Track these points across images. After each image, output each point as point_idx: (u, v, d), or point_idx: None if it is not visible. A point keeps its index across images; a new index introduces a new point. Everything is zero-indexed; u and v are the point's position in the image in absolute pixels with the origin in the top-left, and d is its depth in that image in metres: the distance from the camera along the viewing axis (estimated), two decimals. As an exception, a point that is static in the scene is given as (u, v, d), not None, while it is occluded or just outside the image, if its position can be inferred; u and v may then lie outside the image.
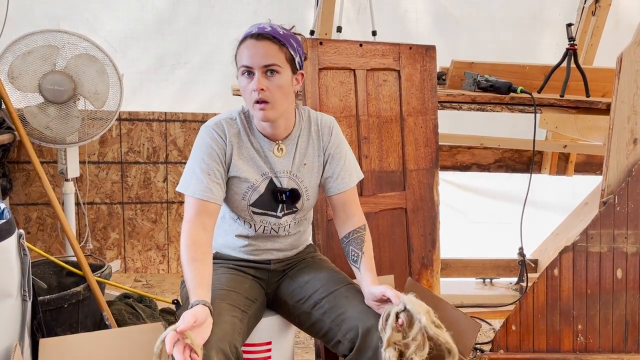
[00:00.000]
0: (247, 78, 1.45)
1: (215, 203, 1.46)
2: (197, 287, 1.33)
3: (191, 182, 1.46)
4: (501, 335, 2.08)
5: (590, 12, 3.13)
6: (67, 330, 2.04)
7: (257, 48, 1.43)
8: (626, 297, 2.10)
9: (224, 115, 1.56)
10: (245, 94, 1.47)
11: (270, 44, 1.44)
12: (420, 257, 2.28)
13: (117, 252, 3.09)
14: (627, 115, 2.14)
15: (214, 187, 1.46)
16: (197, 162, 1.48)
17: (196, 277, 1.35)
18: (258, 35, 1.44)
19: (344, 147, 1.63)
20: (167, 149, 3.06)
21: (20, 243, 1.46)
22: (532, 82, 2.71)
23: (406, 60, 2.27)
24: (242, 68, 1.45)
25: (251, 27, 1.49)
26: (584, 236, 2.09)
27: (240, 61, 1.46)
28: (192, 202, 1.45)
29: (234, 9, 3.03)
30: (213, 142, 1.49)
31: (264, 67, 1.43)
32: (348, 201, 1.61)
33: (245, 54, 1.45)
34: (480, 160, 3.28)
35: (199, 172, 1.47)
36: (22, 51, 2.25)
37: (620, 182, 2.13)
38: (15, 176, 2.89)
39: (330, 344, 1.51)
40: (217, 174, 1.48)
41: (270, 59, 1.43)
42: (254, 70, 1.43)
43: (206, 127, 1.53)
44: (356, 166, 1.66)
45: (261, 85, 1.42)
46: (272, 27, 1.47)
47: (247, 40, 1.45)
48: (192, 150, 1.52)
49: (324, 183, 1.62)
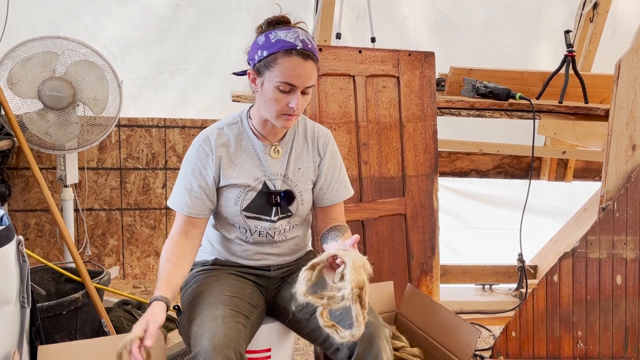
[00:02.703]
0: (285, 93, 1.42)
1: (198, 217, 1.54)
2: (162, 285, 1.42)
3: (177, 199, 1.54)
4: (501, 342, 2.07)
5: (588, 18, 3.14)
6: (65, 337, 2.03)
7: (304, 69, 1.41)
8: (626, 303, 2.10)
9: (212, 127, 1.58)
10: (275, 104, 1.44)
11: (313, 64, 1.44)
12: (420, 263, 2.27)
13: (116, 258, 3.08)
14: (625, 122, 2.15)
15: (194, 203, 1.52)
16: (182, 178, 1.55)
17: (164, 275, 1.44)
18: (304, 53, 1.40)
19: (338, 160, 1.66)
20: (166, 155, 3.06)
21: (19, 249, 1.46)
22: (531, 89, 2.72)
23: (405, 67, 2.27)
24: (282, 84, 1.41)
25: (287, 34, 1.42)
26: (583, 242, 2.09)
27: (282, 76, 1.40)
28: (178, 216, 1.54)
29: (233, 16, 3.04)
30: (197, 158, 1.54)
31: (305, 88, 1.44)
32: (338, 213, 1.66)
33: (290, 71, 1.40)
34: (479, 166, 3.29)
35: (182, 189, 1.54)
36: (21, 57, 2.25)
37: (619, 188, 2.14)
38: (14, 182, 2.89)
39: (329, 350, 1.50)
40: (197, 191, 1.53)
41: (313, 81, 1.45)
42: (296, 89, 1.42)
43: (195, 142, 1.56)
44: (347, 182, 1.69)
45: (300, 104, 1.44)
46: (310, 40, 1.44)
47: (292, 56, 1.40)
48: (182, 164, 1.58)
49: (316, 194, 1.64)
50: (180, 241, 1.51)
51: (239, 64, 1.60)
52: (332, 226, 1.62)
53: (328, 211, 1.64)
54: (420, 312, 1.88)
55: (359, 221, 2.15)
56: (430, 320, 1.83)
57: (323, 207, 1.64)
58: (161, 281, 1.43)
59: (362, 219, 2.16)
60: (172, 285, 1.43)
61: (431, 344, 1.79)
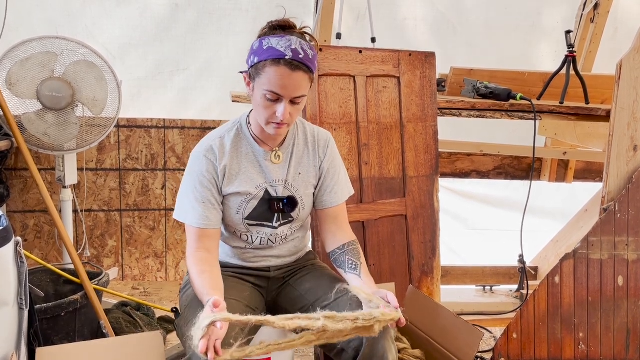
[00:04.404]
0: (271, 101, 1.40)
1: (213, 228, 1.50)
2: (210, 290, 1.34)
3: (188, 211, 1.50)
4: (502, 344, 2.06)
5: (588, 19, 3.13)
6: (64, 339, 2.02)
7: (291, 80, 1.37)
8: (627, 305, 2.09)
9: (213, 136, 1.55)
10: (263, 111, 1.43)
11: (303, 75, 1.39)
12: (421, 265, 2.26)
13: (115, 259, 3.07)
14: (627, 122, 2.14)
15: (209, 214, 1.50)
16: (190, 190, 1.50)
17: (207, 284, 1.37)
18: (292, 64, 1.36)
19: (338, 162, 1.65)
20: (166, 156, 3.04)
21: (17, 251, 1.45)
22: (531, 89, 2.71)
23: (406, 67, 2.26)
24: (269, 93, 1.39)
25: (280, 42, 1.37)
26: (584, 243, 2.08)
27: (268, 84, 1.38)
28: (192, 230, 1.49)
29: (233, 16, 3.03)
30: (204, 168, 1.50)
31: (294, 98, 1.41)
32: (340, 214, 1.64)
33: (276, 81, 1.37)
34: (480, 167, 3.28)
35: (194, 201, 1.49)
36: (20, 57, 2.24)
37: (620, 189, 2.13)
38: (12, 183, 2.87)
39: (332, 352, 1.49)
40: (211, 200, 1.50)
41: (301, 92, 1.41)
42: (283, 99, 1.40)
43: (197, 153, 1.53)
44: (348, 181, 1.69)
45: (287, 114, 1.41)
46: (304, 49, 1.38)
47: (280, 65, 1.36)
48: (185, 175, 1.54)
49: (317, 196, 1.63)
50: (205, 256, 1.46)
51: (238, 65, 1.60)
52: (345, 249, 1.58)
53: (330, 213, 1.63)
54: (421, 314, 1.87)
55: (360, 222, 2.14)
56: (432, 322, 1.82)
57: (324, 209, 1.63)
58: (207, 289, 1.35)
59: (362, 220, 2.15)
60: (219, 289, 1.38)
61: (433, 346, 1.78)
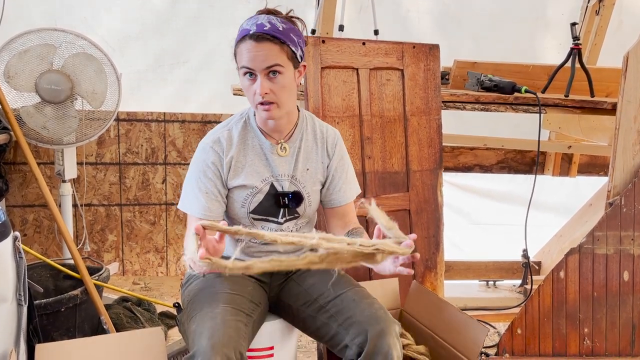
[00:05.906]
0: (250, 79, 1.42)
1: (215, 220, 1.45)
2: None
3: (192, 202, 1.50)
4: (506, 339, 2.05)
5: (594, 11, 3.10)
6: (64, 335, 2.00)
7: (257, 50, 1.38)
8: (633, 300, 2.07)
9: (221, 127, 1.55)
10: (248, 95, 1.45)
11: (271, 45, 1.39)
12: (424, 260, 2.24)
13: (115, 254, 3.05)
14: (633, 115, 2.12)
15: (212, 205, 1.49)
16: (195, 181, 1.51)
17: None
18: (256, 36, 1.38)
19: (346, 161, 1.65)
20: (166, 150, 3.02)
21: (16, 245, 1.43)
22: (536, 82, 2.68)
23: (410, 59, 2.23)
24: (243, 69, 1.41)
25: (248, 21, 1.42)
26: (590, 238, 2.06)
27: (241, 62, 1.41)
28: (194, 220, 1.47)
29: (234, 8, 2.99)
30: (210, 160, 1.50)
31: (266, 69, 1.39)
32: (349, 212, 1.64)
33: (245, 56, 1.39)
34: (483, 161, 3.26)
35: (197, 192, 1.50)
36: (18, 50, 2.21)
37: (626, 183, 2.10)
38: (11, 177, 2.85)
39: (336, 348, 1.47)
40: (214, 192, 1.50)
41: (272, 61, 1.39)
42: (256, 73, 1.40)
43: (204, 144, 1.52)
44: (356, 180, 1.68)
45: (265, 89, 1.40)
46: (271, 22, 1.40)
47: (246, 41, 1.39)
48: (190, 166, 1.54)
49: (325, 195, 1.62)
50: None
51: (240, 58, 1.57)
52: (349, 230, 1.59)
53: (338, 211, 1.63)
54: (425, 310, 1.85)
55: (362, 217, 2.12)
56: (436, 318, 1.80)
57: (332, 207, 1.63)
58: None
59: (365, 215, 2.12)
60: None
61: (437, 342, 1.77)
